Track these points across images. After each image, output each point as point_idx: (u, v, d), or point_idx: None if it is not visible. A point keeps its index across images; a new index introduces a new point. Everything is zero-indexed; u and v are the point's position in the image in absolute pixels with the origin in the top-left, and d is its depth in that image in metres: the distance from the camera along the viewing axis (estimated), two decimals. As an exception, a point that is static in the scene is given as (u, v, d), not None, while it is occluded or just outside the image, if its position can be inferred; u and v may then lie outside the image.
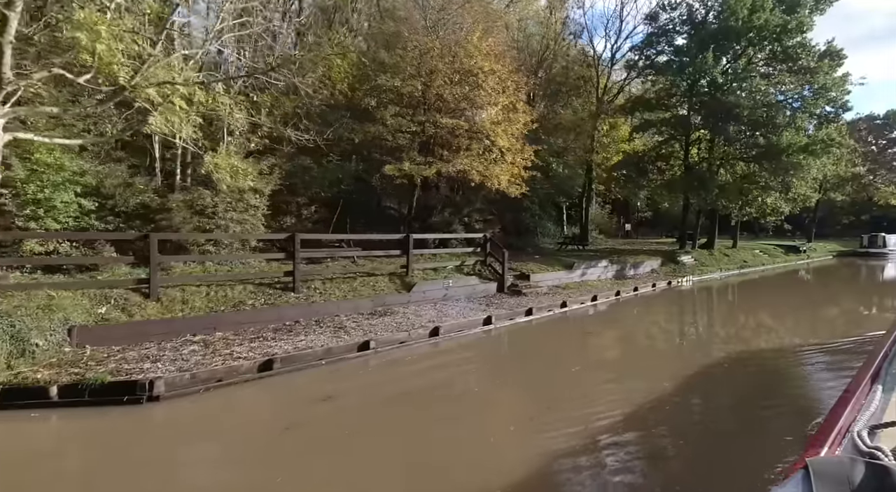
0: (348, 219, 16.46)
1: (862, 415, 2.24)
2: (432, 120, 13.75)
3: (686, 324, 10.84)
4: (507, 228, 17.54)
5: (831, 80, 19.55)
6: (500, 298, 12.47)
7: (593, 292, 14.29)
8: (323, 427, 5.02)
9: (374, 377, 6.83)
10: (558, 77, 27.70)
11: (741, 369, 7.11)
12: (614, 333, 10.00)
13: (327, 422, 5.16)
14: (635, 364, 7.37)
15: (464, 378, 6.75)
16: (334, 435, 4.75)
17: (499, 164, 14.52)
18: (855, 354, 8.03)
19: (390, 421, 5.17)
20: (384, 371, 7.13)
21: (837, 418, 2.14)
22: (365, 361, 7.30)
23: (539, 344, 8.94)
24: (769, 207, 23.06)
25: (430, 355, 8.06)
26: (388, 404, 5.65)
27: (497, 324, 10.11)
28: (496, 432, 4.91)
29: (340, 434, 4.74)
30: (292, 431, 4.82)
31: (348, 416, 5.33)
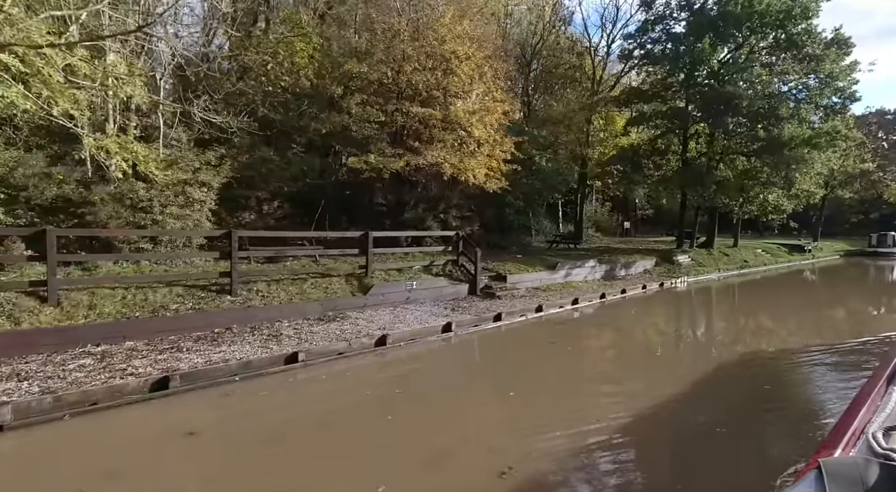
0: (327, 215, 15.60)
1: (877, 416, 2.22)
2: (402, 109, 12.81)
3: (670, 332, 9.79)
4: (489, 226, 16.58)
5: (838, 69, 18.36)
6: (470, 302, 11.54)
7: (576, 295, 13.33)
8: (138, 480, 3.76)
9: (279, 398, 5.71)
10: (552, 69, 26.71)
11: (729, 388, 6.17)
12: (589, 342, 8.99)
13: (151, 472, 3.92)
14: (597, 386, 6.30)
15: (384, 403, 5.61)
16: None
17: (475, 156, 13.57)
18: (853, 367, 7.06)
19: (242, 472, 3.92)
20: (298, 390, 6.11)
21: (852, 420, 2.12)
22: (288, 377, 6.41)
23: (498, 357, 7.95)
24: (771, 205, 21.92)
25: (368, 369, 7.15)
26: (262, 443, 4.45)
27: (458, 331, 9.19)
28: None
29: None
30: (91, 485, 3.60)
31: (189, 462, 4.15)
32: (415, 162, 12.70)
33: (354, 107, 12.28)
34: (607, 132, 25.82)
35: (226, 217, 12.32)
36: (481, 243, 16.75)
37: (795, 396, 6.15)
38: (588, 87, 22.66)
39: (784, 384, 6.58)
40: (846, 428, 2.05)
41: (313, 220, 14.88)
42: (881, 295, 19.47)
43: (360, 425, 4.98)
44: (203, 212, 10.23)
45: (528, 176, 16.73)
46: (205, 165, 10.07)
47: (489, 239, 16.97)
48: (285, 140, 13.46)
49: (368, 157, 12.12)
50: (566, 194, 29.71)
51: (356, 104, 12.42)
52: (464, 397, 5.86)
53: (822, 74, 18.53)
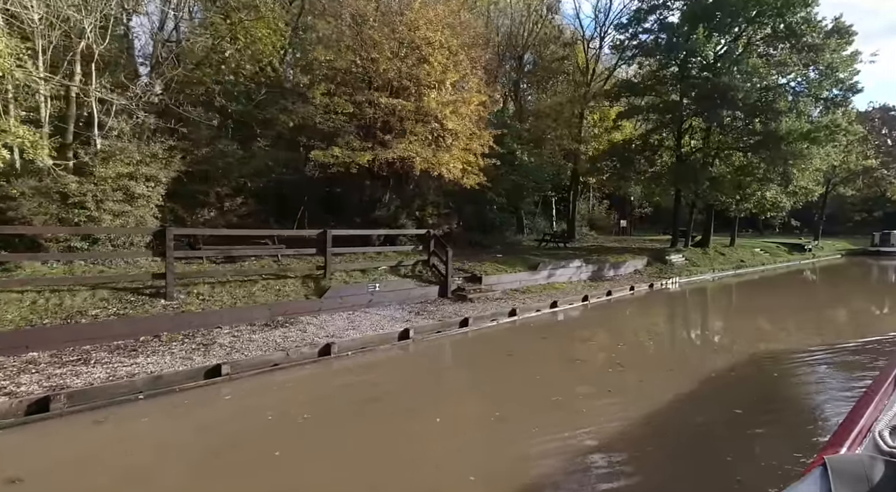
0: (306, 213, 14.92)
1: (884, 415, 2.23)
2: (372, 100, 12.05)
3: (652, 342, 8.88)
4: (470, 224, 15.83)
5: (839, 59, 17.47)
6: (439, 305, 10.80)
7: (557, 297, 12.58)
8: None
9: (163, 425, 4.87)
10: (546, 63, 25.89)
11: (709, 420, 5.31)
12: (560, 352, 8.00)
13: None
14: (551, 408, 5.30)
15: (287, 431, 4.74)
16: None
17: (450, 150, 12.81)
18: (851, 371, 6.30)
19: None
20: (200, 412, 5.23)
21: (858, 418, 2.12)
22: (205, 394, 5.68)
23: (456, 370, 7.17)
24: (769, 202, 21.04)
25: (303, 384, 6.42)
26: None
27: (418, 338, 8.46)
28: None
29: None
30: None
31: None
32: (384, 156, 11.94)
33: (319, 97, 11.52)
34: (601, 127, 24.99)
35: (182, 214, 11.63)
36: (461, 242, 16.08)
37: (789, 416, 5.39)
38: (581, 81, 21.83)
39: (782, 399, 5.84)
40: (852, 426, 2.04)
41: (284, 217, 14.19)
42: (883, 296, 18.65)
43: (245, 464, 4.06)
44: (149, 208, 9.49)
45: (511, 171, 15.96)
46: (148, 157, 9.33)
47: (471, 238, 16.23)
48: (250, 133, 12.73)
49: (333, 150, 11.37)
50: (560, 191, 28.96)
51: (321, 94, 11.66)
52: (397, 422, 4.99)
53: (822, 65, 17.65)
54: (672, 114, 19.17)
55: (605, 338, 8.75)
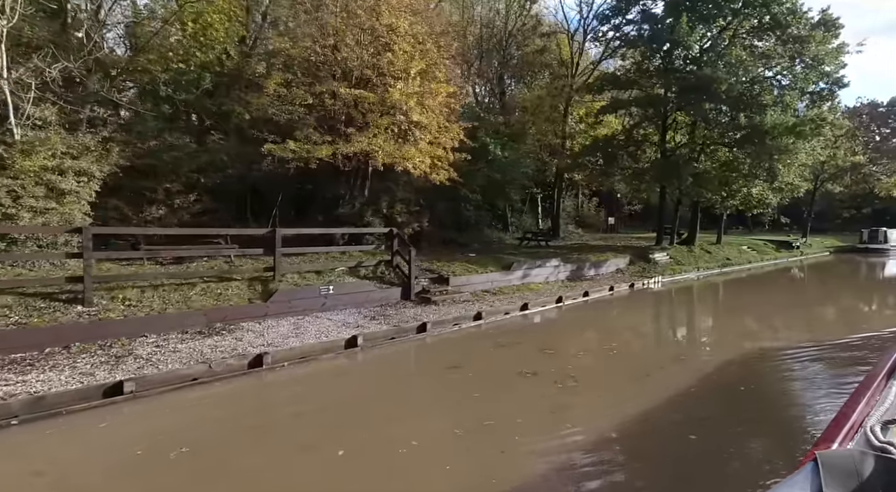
0: (278, 212, 14.17)
1: (876, 410, 2.22)
2: (332, 91, 11.33)
3: (616, 347, 8.14)
4: (443, 222, 15.16)
5: (824, 51, 16.95)
6: (400, 309, 10.14)
7: (530, 299, 11.96)
8: None
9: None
10: (526, 56, 25.25)
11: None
12: (511, 360, 7.19)
13: None
14: (477, 437, 4.51)
15: (137, 476, 3.90)
16: None
17: (416, 144, 12.13)
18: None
19: None
20: (55, 445, 4.37)
21: (850, 413, 2.12)
22: (93, 417, 4.97)
23: (400, 385, 6.40)
24: (755, 199, 20.55)
25: (219, 401, 5.72)
26: None
27: (368, 345, 7.81)
28: None
29: None
30: None
31: None
32: (345, 150, 11.24)
33: (273, 87, 10.78)
34: (587, 123, 24.39)
35: (127, 212, 10.86)
36: (435, 241, 15.43)
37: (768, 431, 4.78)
38: (561, 74, 21.19)
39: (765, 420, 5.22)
40: (844, 421, 2.05)
41: (259, 215, 13.40)
42: (871, 293, 18.24)
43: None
44: (79, 205, 8.74)
45: (485, 167, 15.30)
46: (78, 149, 8.57)
47: (444, 236, 15.58)
48: (206, 126, 11.99)
49: (289, 143, 10.65)
50: (545, 188, 28.34)
51: (277, 84, 10.92)
52: (289, 455, 4.17)
53: (808, 58, 17.13)
54: (655, 108, 18.59)
55: (570, 345, 8.04)
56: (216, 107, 12.02)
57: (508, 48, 25.24)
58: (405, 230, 13.89)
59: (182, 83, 11.10)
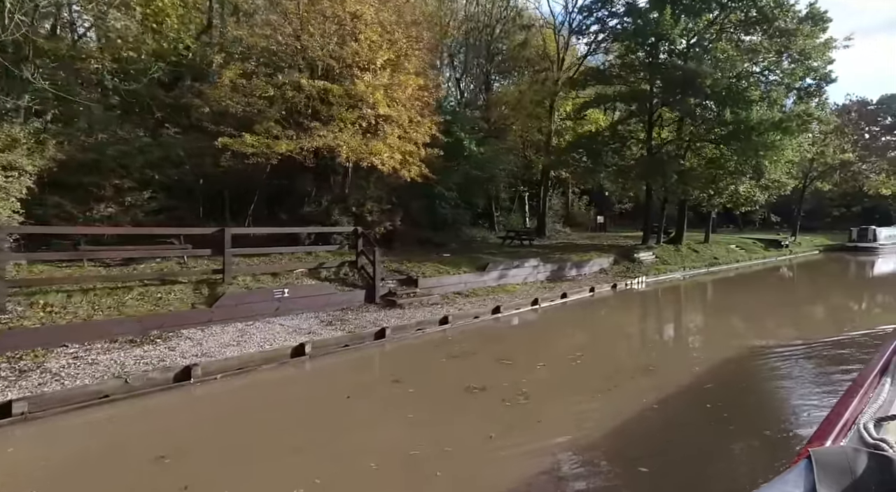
0: (251, 210, 13.53)
1: (869, 407, 2.23)
2: (294, 82, 10.71)
3: (582, 356, 7.36)
4: (418, 220, 14.57)
5: (811, 45, 16.51)
6: (361, 313, 9.55)
7: (504, 301, 11.42)
8: None
9: None
10: (512, 52, 24.73)
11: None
12: (462, 372, 6.47)
13: None
14: (396, 473, 3.88)
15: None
16: None
17: (385, 139, 11.54)
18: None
19: None
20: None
21: (844, 410, 2.12)
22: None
23: (315, 402, 5.61)
24: (742, 197, 20.15)
25: (129, 423, 5.12)
26: None
27: (317, 353, 7.23)
28: None
29: None
30: None
31: None
32: (307, 145, 10.63)
33: (229, 77, 10.14)
34: (573, 120, 23.89)
35: (72, 210, 10.18)
36: (409, 241, 14.86)
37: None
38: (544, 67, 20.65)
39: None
40: (838, 419, 2.03)
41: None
42: (860, 291, 17.86)
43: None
44: (7, 202, 8.07)
45: (462, 164, 14.72)
46: (2, 140, 7.90)
47: (420, 236, 15.00)
48: (163, 119, 11.33)
49: (245, 137, 10.02)
50: (532, 186, 27.83)
51: (236, 75, 10.29)
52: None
53: (795, 52, 16.67)
54: (640, 103, 18.10)
55: (533, 353, 7.41)
56: (173, 99, 11.36)
57: (493, 43, 24.71)
58: (376, 229, 13.32)
59: (131, 73, 10.42)
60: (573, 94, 21.11)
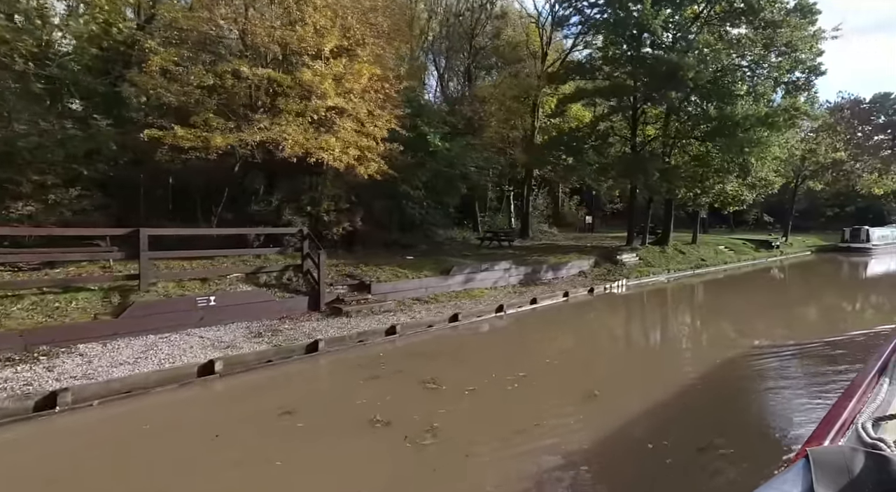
0: (214, 209, 12.63)
1: (867, 407, 2.23)
2: (234, 70, 9.82)
3: (526, 375, 6.33)
4: (383, 221, 13.69)
5: (798, 37, 15.72)
6: (301, 322, 8.66)
7: (466, 307, 10.58)
8: None
9: None
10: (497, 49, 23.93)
11: None
12: (375, 398, 5.39)
13: None
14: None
15: None
16: None
17: (336, 132, 10.67)
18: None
19: None
20: None
21: (842, 410, 2.11)
22: None
23: (189, 441, 4.57)
24: (730, 196, 19.36)
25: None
26: None
27: (233, 371, 6.35)
28: None
29: None
30: None
31: None
32: (248, 138, 9.74)
33: (160, 63, 9.23)
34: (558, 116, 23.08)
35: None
36: (374, 242, 13.98)
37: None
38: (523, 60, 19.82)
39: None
40: (836, 419, 2.03)
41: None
42: (851, 294, 17.05)
43: None
44: None
45: (429, 160, 13.84)
46: None
47: (386, 237, 14.12)
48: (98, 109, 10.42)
49: (176, 129, 9.13)
50: (518, 186, 27.02)
51: (166, 61, 9.37)
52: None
53: (781, 43, 15.88)
54: (619, 97, 17.28)
55: (467, 373, 6.44)
56: (105, 87, 10.46)
57: (475, 38, 23.90)
58: (334, 230, 12.47)
59: (52, 57, 9.51)
60: (551, 90, 20.26)
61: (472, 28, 23.49)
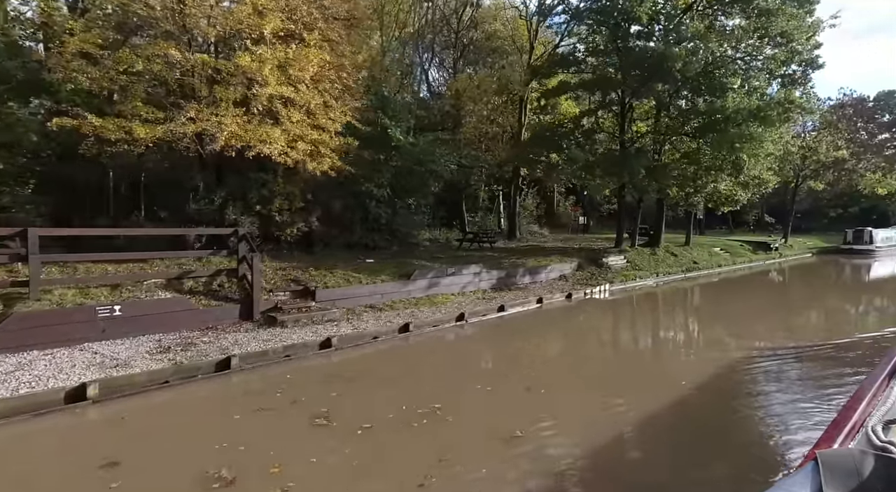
0: (141, 207, 11.78)
1: (877, 410, 2.21)
2: (163, 54, 8.91)
3: (446, 407, 5.12)
4: (344, 222, 12.73)
5: (794, 27, 14.67)
6: (226, 333, 7.72)
7: (423, 316, 9.63)
8: None
9: None
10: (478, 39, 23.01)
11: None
12: (234, 443, 4.27)
13: None
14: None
15: None
16: None
17: (280, 123, 9.74)
18: None
19: None
20: None
21: (852, 413, 2.09)
22: None
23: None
24: (723, 195, 18.35)
25: None
26: None
27: (113, 395, 5.42)
28: None
29: None
30: None
31: None
32: (179, 129, 8.83)
33: (78, 45, 8.34)
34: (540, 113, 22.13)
35: None
36: (335, 244, 13.05)
37: None
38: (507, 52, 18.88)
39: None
40: (846, 421, 2.01)
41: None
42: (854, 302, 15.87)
43: None
44: None
45: (392, 157, 12.87)
46: None
47: (350, 239, 13.17)
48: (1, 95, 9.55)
49: (91, 119, 8.24)
50: (507, 185, 26.09)
51: (85, 43, 8.48)
52: None
53: (775, 33, 14.84)
54: (604, 90, 16.30)
55: (387, 398, 5.44)
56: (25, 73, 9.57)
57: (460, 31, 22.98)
58: (287, 231, 11.54)
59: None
60: (540, 85, 19.29)
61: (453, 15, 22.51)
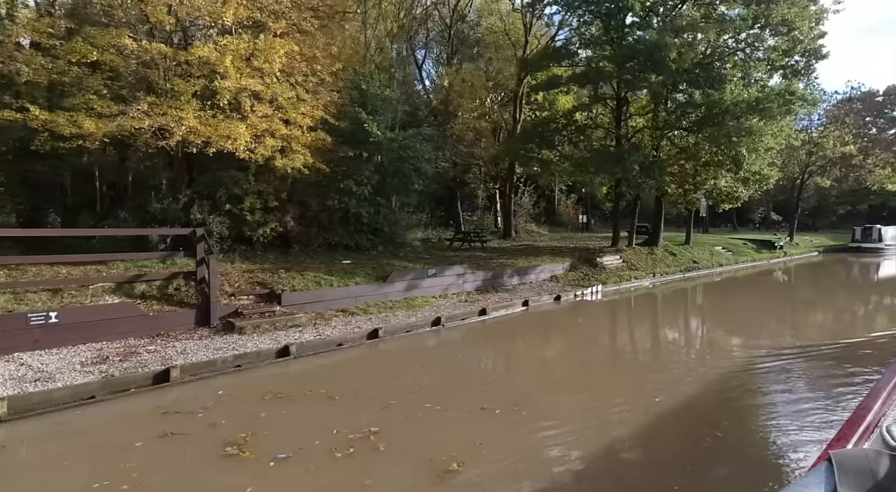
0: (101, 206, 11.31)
1: (892, 410, 2.17)
2: (118, 44, 8.42)
3: (385, 434, 4.50)
4: (325, 221, 12.17)
5: (795, 14, 13.92)
6: (174, 342, 7.20)
7: (396, 320, 9.08)
8: None
9: None
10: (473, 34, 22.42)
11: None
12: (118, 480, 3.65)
13: None
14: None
15: None
16: None
17: (245, 118, 9.21)
18: None
19: None
20: None
21: (866, 413, 2.07)
22: None
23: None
24: (723, 192, 17.61)
25: None
26: None
27: (21, 415, 4.92)
28: None
29: None
30: None
31: None
32: (133, 124, 8.32)
33: (22, 32, 7.87)
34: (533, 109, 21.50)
35: None
36: (314, 245, 12.50)
37: None
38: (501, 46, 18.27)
39: None
40: (860, 422, 1.99)
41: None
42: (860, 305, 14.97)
43: None
44: None
45: (372, 154, 12.29)
46: None
47: (330, 238, 12.62)
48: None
49: (36, 112, 7.74)
50: (502, 183, 25.49)
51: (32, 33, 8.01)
52: None
53: (776, 20, 14.10)
54: (597, 84, 15.64)
55: (320, 420, 4.85)
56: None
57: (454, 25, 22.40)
58: (260, 232, 11.02)
59: None
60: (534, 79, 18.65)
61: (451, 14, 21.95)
